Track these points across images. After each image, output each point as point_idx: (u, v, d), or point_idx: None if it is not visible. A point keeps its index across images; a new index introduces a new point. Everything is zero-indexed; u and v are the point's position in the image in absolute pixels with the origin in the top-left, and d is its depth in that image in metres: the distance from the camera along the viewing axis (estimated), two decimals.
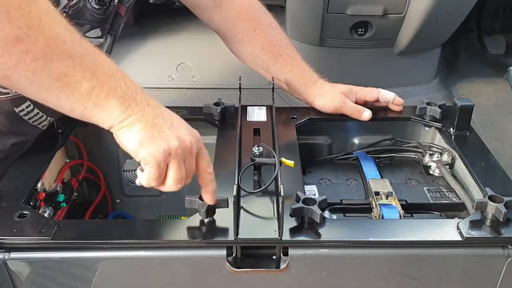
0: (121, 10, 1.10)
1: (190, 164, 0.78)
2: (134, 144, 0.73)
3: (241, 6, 1.20)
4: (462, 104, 1.10)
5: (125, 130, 0.73)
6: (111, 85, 0.71)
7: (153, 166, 0.74)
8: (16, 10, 0.63)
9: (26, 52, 0.65)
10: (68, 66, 0.68)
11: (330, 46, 1.74)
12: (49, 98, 0.70)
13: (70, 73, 0.68)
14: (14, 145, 1.00)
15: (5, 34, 0.63)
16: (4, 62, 0.65)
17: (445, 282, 0.85)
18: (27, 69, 0.66)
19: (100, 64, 0.72)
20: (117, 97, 0.72)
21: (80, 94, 0.70)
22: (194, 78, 1.83)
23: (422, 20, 1.60)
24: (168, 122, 0.76)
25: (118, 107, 0.72)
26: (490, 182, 0.94)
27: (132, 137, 0.73)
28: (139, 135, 0.73)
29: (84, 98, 0.70)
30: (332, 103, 1.17)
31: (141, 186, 0.78)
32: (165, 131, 0.75)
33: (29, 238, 0.79)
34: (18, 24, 0.63)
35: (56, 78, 0.68)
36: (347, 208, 1.02)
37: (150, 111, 0.75)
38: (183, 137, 0.76)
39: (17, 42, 0.64)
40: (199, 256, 0.81)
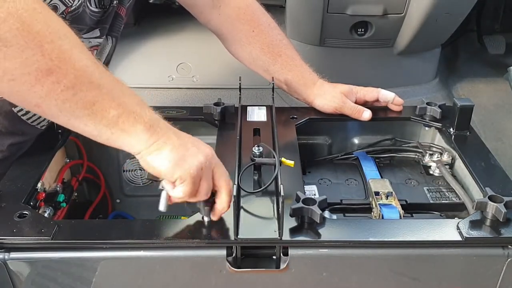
0: (121, 12, 1.10)
1: (221, 172, 0.83)
2: (168, 165, 0.77)
3: (239, 7, 1.20)
4: (462, 104, 1.10)
5: (155, 154, 0.77)
6: (137, 112, 0.76)
7: (190, 183, 0.78)
8: (49, 44, 0.68)
9: (57, 82, 0.69)
10: (96, 95, 0.72)
11: (330, 46, 1.74)
12: (78, 125, 0.74)
13: (98, 101, 0.72)
14: (12, 145, 1.00)
15: (38, 66, 0.68)
16: (36, 92, 0.69)
17: (445, 282, 0.85)
18: (58, 99, 0.70)
19: (126, 93, 0.76)
20: (143, 123, 0.76)
21: (108, 121, 0.74)
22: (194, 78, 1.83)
23: (422, 20, 1.60)
24: (189, 140, 0.81)
25: (144, 132, 0.76)
26: (490, 182, 0.94)
27: (164, 159, 0.77)
28: (171, 157, 0.77)
29: (111, 125, 0.74)
30: (332, 103, 1.17)
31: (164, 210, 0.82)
32: (191, 149, 0.79)
33: (29, 238, 0.79)
34: (51, 56, 0.68)
35: (85, 106, 0.72)
36: (347, 208, 1.02)
37: (173, 134, 0.79)
38: (206, 151, 0.81)
39: (49, 74, 0.68)
40: (199, 256, 0.81)
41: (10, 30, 0.65)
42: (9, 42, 0.66)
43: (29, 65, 0.67)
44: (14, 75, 0.67)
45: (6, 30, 0.65)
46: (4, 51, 0.65)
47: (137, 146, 0.77)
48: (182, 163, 0.77)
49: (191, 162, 0.77)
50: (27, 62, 0.67)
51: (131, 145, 0.77)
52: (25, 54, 0.67)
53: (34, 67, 0.67)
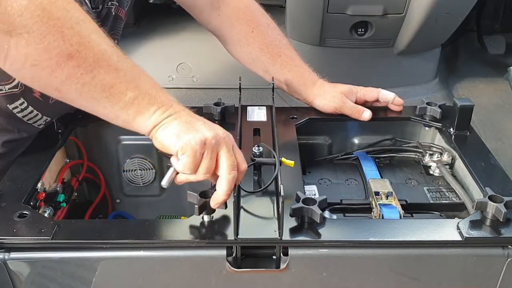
0: (120, 13, 1.10)
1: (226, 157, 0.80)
2: (171, 137, 0.79)
3: (238, 8, 1.20)
4: (462, 104, 1.10)
5: (163, 127, 0.79)
6: (152, 94, 0.79)
7: (190, 155, 0.78)
8: (69, 29, 0.71)
9: (78, 66, 0.72)
10: (114, 78, 0.76)
11: (330, 46, 1.75)
12: (97, 107, 0.78)
13: (116, 84, 0.76)
14: (8, 142, 1.00)
15: (59, 51, 0.71)
16: (57, 76, 0.72)
17: (445, 282, 0.85)
18: (78, 82, 0.73)
19: (141, 76, 0.80)
20: (156, 104, 0.79)
21: (124, 103, 0.77)
22: (194, 78, 1.83)
23: (422, 20, 1.60)
24: (201, 120, 0.82)
25: (157, 112, 0.79)
26: (490, 182, 0.94)
27: (169, 132, 0.79)
28: (176, 129, 0.79)
29: (128, 106, 0.78)
30: (332, 103, 1.17)
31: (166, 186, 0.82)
32: (199, 125, 0.81)
33: (29, 238, 0.79)
34: (71, 42, 0.71)
35: (103, 89, 0.75)
36: (347, 208, 1.02)
37: (185, 113, 0.82)
38: (217, 131, 0.81)
39: (69, 58, 0.71)
40: (199, 256, 0.81)
41: (31, 17, 0.68)
42: (31, 29, 0.68)
43: (51, 51, 0.70)
44: (36, 60, 0.70)
45: (28, 17, 0.67)
46: (26, 37, 0.68)
47: (148, 124, 0.79)
48: (184, 135, 0.78)
49: (194, 134, 0.78)
50: (49, 47, 0.69)
51: (144, 124, 0.79)
52: (46, 39, 0.69)
53: (55, 52, 0.70)
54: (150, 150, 1.23)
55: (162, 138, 0.79)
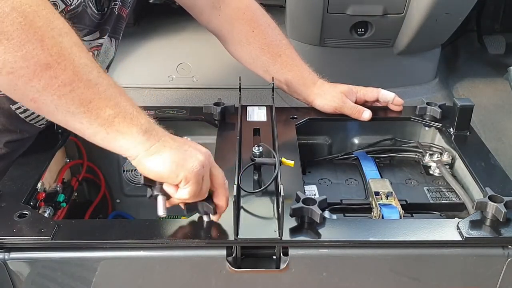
0: (123, 13, 1.10)
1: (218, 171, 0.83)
2: (170, 166, 0.76)
3: (239, 8, 1.20)
4: (462, 104, 1.10)
5: (155, 156, 0.77)
6: (133, 114, 0.76)
7: (195, 183, 0.77)
8: (50, 39, 0.69)
9: (55, 77, 0.70)
10: (93, 93, 0.73)
11: (330, 46, 1.75)
12: (73, 122, 0.75)
13: (95, 100, 0.73)
14: (10, 143, 1.00)
15: (37, 60, 0.69)
16: (34, 86, 0.70)
17: (445, 282, 0.85)
18: (54, 94, 0.71)
19: (122, 95, 0.77)
20: (139, 126, 0.76)
21: (103, 120, 0.74)
22: (194, 78, 1.83)
23: (422, 20, 1.60)
24: (186, 142, 0.81)
25: (141, 135, 0.76)
26: (490, 182, 0.94)
27: (164, 161, 0.76)
28: (172, 158, 0.77)
29: (107, 124, 0.74)
30: (332, 103, 1.17)
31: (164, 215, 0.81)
32: (190, 150, 0.79)
33: (29, 238, 0.79)
34: (50, 52, 0.69)
35: (81, 103, 0.72)
36: (347, 208, 1.02)
37: (169, 137, 0.80)
38: (203, 150, 0.81)
39: (47, 68, 0.69)
40: (199, 256, 0.81)
41: (12, 24, 0.67)
42: (11, 35, 0.67)
43: (28, 59, 0.68)
44: (13, 68, 0.68)
45: (8, 23, 0.66)
46: (5, 44, 0.67)
47: (133, 149, 0.77)
48: (184, 163, 0.76)
49: (193, 162, 0.77)
50: (27, 55, 0.68)
51: (126, 147, 0.76)
52: (25, 47, 0.68)
53: (33, 61, 0.68)
54: None
55: (157, 168, 0.76)
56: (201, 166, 0.77)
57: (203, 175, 0.78)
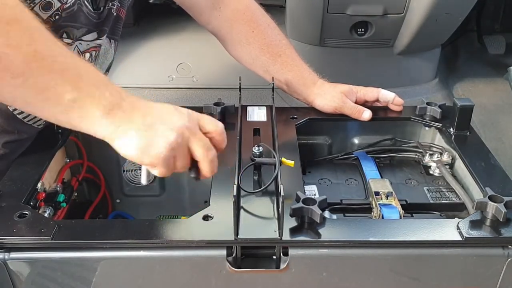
0: (121, 14, 1.10)
1: (199, 146, 0.78)
2: (134, 152, 0.74)
3: (238, 9, 1.20)
4: (462, 104, 1.10)
5: (119, 140, 0.74)
6: (94, 95, 0.72)
7: (162, 166, 0.75)
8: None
9: (5, 70, 0.67)
10: (48, 81, 0.69)
11: (330, 46, 1.75)
12: (34, 111, 0.74)
13: (51, 87, 0.69)
14: (8, 143, 1.00)
15: None
16: None
17: (445, 282, 0.85)
18: (8, 85, 0.68)
19: (82, 76, 0.72)
20: (101, 108, 0.72)
21: (63, 106, 0.71)
22: (194, 78, 1.84)
23: (422, 20, 1.60)
24: (158, 118, 0.76)
25: (104, 117, 0.72)
26: (490, 182, 0.94)
27: (129, 145, 0.74)
28: (136, 143, 0.74)
29: (68, 110, 0.71)
30: (332, 103, 1.17)
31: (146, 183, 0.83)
32: (159, 129, 0.75)
33: (29, 238, 0.79)
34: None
35: (37, 92, 0.69)
36: (347, 208, 1.02)
37: (138, 114, 0.75)
38: (177, 125, 0.76)
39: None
40: (199, 256, 0.81)
41: None
42: None
43: None
44: None
45: None
46: None
47: (100, 132, 0.74)
48: (149, 149, 0.73)
49: (160, 146, 0.73)
50: None
51: (93, 130, 0.74)
52: None
53: None
54: None
55: (124, 151, 0.74)
56: (168, 149, 0.74)
57: (175, 155, 0.75)
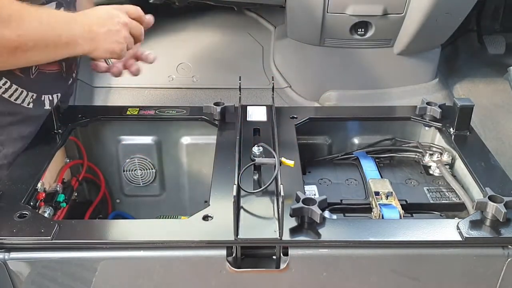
0: None
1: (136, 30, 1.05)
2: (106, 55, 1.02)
3: None
4: (462, 104, 1.10)
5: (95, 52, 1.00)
6: (72, 34, 0.96)
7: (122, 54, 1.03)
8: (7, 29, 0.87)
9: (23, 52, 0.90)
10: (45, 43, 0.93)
11: (330, 46, 1.74)
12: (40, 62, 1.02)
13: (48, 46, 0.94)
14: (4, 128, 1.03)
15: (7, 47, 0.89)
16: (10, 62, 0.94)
17: (445, 282, 0.85)
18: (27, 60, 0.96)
19: (59, 22, 0.95)
20: (79, 37, 0.97)
21: (58, 51, 0.97)
22: (194, 78, 1.83)
23: (422, 20, 1.60)
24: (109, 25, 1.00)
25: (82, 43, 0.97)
26: (490, 182, 0.94)
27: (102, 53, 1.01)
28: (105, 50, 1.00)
29: (62, 50, 0.97)
30: None
31: None
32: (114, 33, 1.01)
33: (29, 238, 0.80)
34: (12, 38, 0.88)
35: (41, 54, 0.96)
36: (347, 208, 1.02)
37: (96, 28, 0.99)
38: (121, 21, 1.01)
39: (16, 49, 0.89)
40: (199, 256, 0.81)
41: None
42: None
43: None
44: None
45: None
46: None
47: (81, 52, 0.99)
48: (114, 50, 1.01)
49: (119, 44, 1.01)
50: None
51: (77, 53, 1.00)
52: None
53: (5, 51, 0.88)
54: (150, 150, 1.23)
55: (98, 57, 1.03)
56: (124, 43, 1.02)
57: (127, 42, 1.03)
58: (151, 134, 1.22)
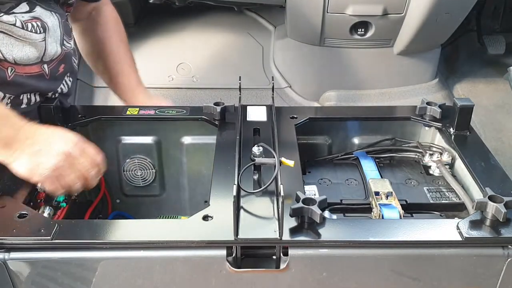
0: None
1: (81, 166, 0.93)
2: (25, 172, 0.90)
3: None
4: (462, 104, 1.10)
5: (14, 163, 0.90)
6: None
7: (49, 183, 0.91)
8: None
9: None
10: None
11: (330, 46, 1.75)
12: None
13: None
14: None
15: None
16: None
17: (445, 282, 0.85)
18: None
19: None
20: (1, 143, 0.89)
21: None
22: (194, 78, 1.84)
23: (422, 20, 1.60)
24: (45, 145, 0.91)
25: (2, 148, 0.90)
26: (490, 182, 0.94)
27: (21, 167, 0.90)
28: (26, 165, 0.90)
29: None
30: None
31: None
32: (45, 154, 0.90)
33: (29, 238, 0.80)
34: None
35: None
36: (347, 208, 1.02)
37: (28, 143, 0.91)
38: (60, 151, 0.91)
39: None
40: (199, 256, 0.81)
41: None
42: None
43: None
44: None
45: None
46: None
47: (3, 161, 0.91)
48: (36, 170, 0.89)
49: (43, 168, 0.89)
50: None
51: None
52: None
53: None
54: (150, 150, 1.23)
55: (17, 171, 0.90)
56: (50, 170, 0.89)
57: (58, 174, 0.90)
58: (151, 134, 1.22)
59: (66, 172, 0.91)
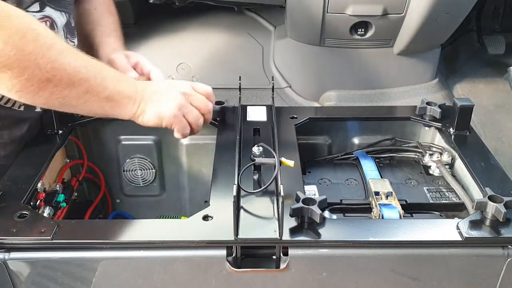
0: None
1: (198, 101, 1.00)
2: (154, 119, 0.95)
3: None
4: (462, 104, 1.10)
5: (142, 116, 0.95)
6: (119, 90, 0.93)
7: (177, 123, 0.96)
8: (42, 58, 0.82)
9: (56, 86, 0.85)
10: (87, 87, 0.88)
11: (330, 46, 1.74)
12: (78, 110, 0.94)
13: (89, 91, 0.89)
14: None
15: (39, 78, 0.83)
16: (41, 96, 0.85)
17: (445, 282, 0.85)
18: (59, 97, 0.87)
19: (107, 77, 0.92)
20: (125, 97, 0.93)
21: (100, 102, 0.91)
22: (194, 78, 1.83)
23: (422, 20, 1.60)
24: (164, 91, 0.98)
25: (128, 102, 0.94)
26: (490, 182, 0.94)
27: (149, 116, 0.95)
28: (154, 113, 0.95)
29: (103, 104, 0.92)
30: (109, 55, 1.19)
31: None
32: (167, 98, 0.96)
33: (29, 238, 0.80)
34: (46, 69, 0.82)
35: (79, 97, 0.89)
36: (347, 208, 1.02)
37: (149, 92, 0.96)
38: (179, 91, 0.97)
39: (48, 82, 0.83)
40: (199, 256, 0.81)
41: (9, 57, 0.78)
42: (12, 66, 0.79)
43: (31, 79, 0.82)
44: (21, 88, 0.82)
45: (6, 58, 0.78)
46: (9, 73, 0.80)
47: (127, 115, 0.95)
48: (163, 113, 0.95)
49: (170, 108, 0.95)
50: (29, 77, 0.82)
51: (122, 114, 0.95)
52: (26, 72, 0.81)
53: (35, 80, 0.82)
54: (150, 150, 1.23)
55: (147, 123, 0.96)
56: (177, 109, 0.96)
57: (183, 113, 0.97)
58: (151, 134, 1.23)
59: (189, 108, 0.98)
